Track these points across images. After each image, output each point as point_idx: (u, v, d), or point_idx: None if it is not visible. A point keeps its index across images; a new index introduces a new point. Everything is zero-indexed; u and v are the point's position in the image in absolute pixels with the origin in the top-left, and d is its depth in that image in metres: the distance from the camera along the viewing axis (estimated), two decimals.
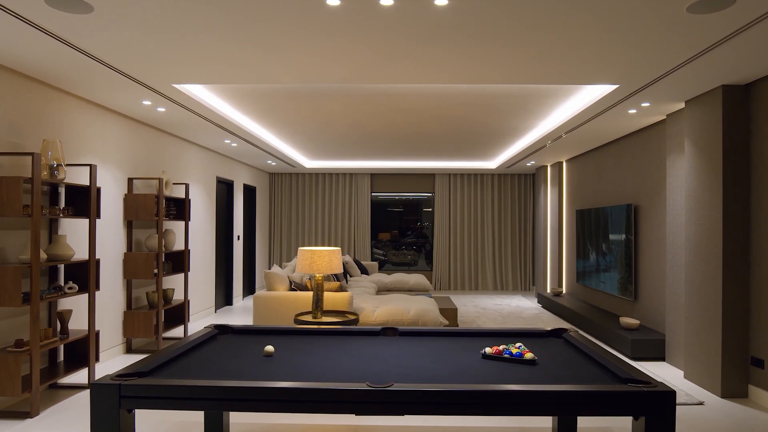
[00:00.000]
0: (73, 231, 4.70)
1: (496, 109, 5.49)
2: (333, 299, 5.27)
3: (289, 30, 3.19)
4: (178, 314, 6.21)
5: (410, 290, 8.08)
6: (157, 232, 5.81)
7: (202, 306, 7.63)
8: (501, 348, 2.77)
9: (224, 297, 8.73)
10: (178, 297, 6.77)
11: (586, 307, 7.40)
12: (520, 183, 11.07)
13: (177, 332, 6.53)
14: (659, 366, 5.17)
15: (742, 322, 4.27)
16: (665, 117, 5.47)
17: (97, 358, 4.63)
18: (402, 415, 2.12)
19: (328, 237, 11.18)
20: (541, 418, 3.69)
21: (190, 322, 7.24)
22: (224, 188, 8.76)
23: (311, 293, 5.27)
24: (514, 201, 11.05)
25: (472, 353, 2.88)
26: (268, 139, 7.14)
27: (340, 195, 11.15)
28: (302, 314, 4.69)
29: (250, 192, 10.09)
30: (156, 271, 5.59)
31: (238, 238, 9.26)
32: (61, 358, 4.47)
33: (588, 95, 4.95)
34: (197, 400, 2.14)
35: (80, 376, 4.70)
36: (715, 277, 4.37)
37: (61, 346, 4.47)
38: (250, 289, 10.06)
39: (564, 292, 8.97)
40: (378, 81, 4.24)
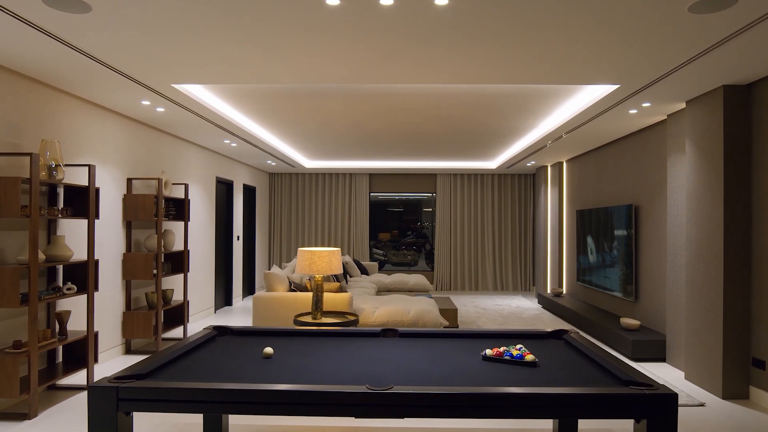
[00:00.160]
0: (71, 231, 4.68)
1: (496, 109, 5.48)
2: (333, 300, 5.25)
3: (289, 30, 3.18)
4: (177, 315, 6.20)
5: (410, 291, 8.07)
6: (156, 233, 5.79)
7: (201, 306, 7.62)
8: (501, 350, 2.76)
9: (224, 297, 8.72)
10: (178, 298, 6.75)
11: (586, 307, 7.38)
12: (521, 183, 11.06)
13: (176, 333, 6.51)
14: (660, 367, 5.16)
15: (743, 323, 4.26)
16: (666, 117, 5.46)
17: (96, 359, 4.62)
18: (402, 417, 2.10)
19: (328, 237, 11.16)
20: (542, 421, 3.68)
21: (190, 322, 7.23)
22: (224, 188, 8.75)
23: (311, 294, 5.25)
24: (515, 201, 11.04)
25: (472, 355, 2.86)
26: (267, 139, 7.13)
27: (340, 195, 11.13)
28: (302, 315, 4.68)
29: (249, 192, 10.07)
30: (155, 271, 5.57)
31: (238, 239, 9.24)
32: (60, 359, 4.46)
33: (588, 95, 4.93)
34: (195, 402, 2.13)
35: (79, 377, 4.69)
36: (716, 278, 4.35)
37: (60, 347, 4.46)
38: (249, 289, 10.04)
39: (564, 292, 8.96)
40: (378, 81, 4.23)
